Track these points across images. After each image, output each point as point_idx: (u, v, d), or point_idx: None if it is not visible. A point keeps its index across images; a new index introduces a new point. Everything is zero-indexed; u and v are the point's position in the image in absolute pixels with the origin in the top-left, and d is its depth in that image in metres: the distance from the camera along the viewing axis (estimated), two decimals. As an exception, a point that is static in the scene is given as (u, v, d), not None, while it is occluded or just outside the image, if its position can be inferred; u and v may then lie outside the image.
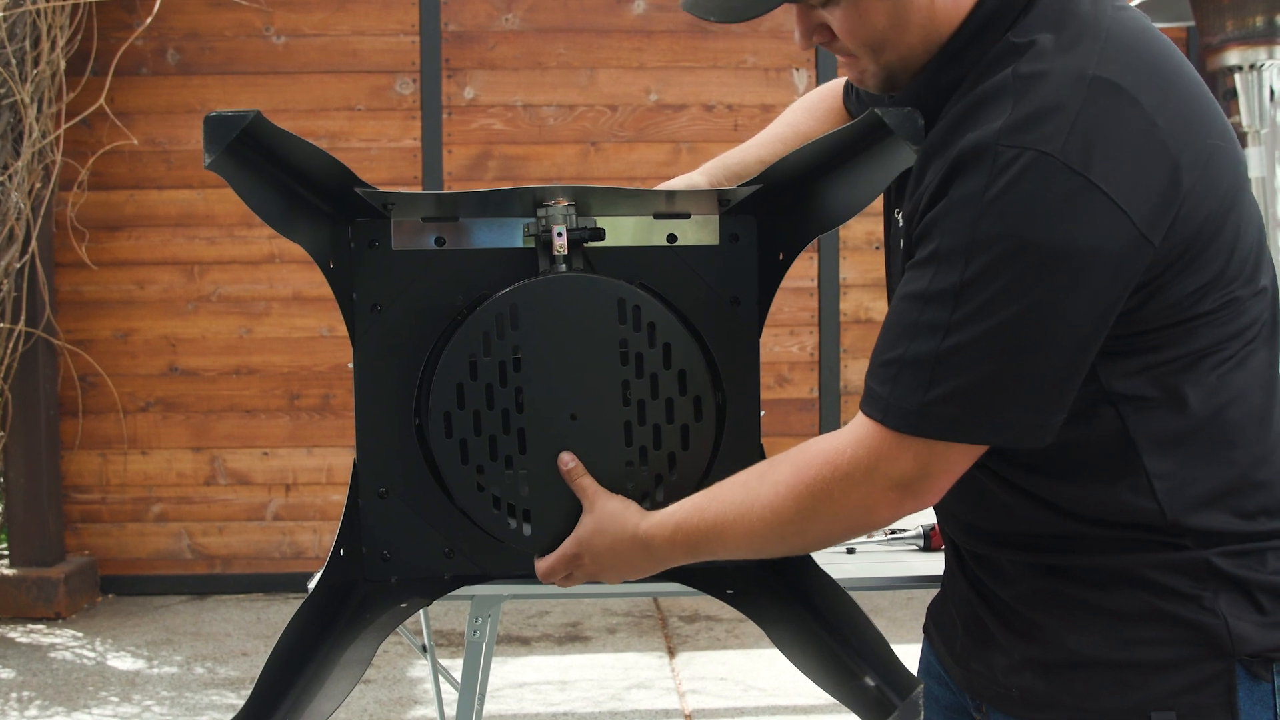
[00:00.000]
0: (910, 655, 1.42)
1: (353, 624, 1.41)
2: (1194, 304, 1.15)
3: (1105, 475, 1.19)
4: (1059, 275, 1.08)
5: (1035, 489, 1.22)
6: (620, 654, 4.32)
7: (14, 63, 4.56)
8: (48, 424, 4.94)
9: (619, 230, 1.46)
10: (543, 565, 1.42)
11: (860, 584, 1.88)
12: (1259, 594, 1.18)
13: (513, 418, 1.39)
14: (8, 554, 5.00)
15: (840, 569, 1.88)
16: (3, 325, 4.69)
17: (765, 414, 1.51)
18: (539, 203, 1.43)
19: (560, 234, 1.40)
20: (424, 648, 2.57)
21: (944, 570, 1.41)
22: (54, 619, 4.77)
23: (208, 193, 5.06)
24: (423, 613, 2.44)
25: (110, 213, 5.06)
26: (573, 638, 4.50)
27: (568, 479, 1.40)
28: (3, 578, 4.80)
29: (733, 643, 4.40)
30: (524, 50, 5.17)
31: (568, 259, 1.41)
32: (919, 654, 1.49)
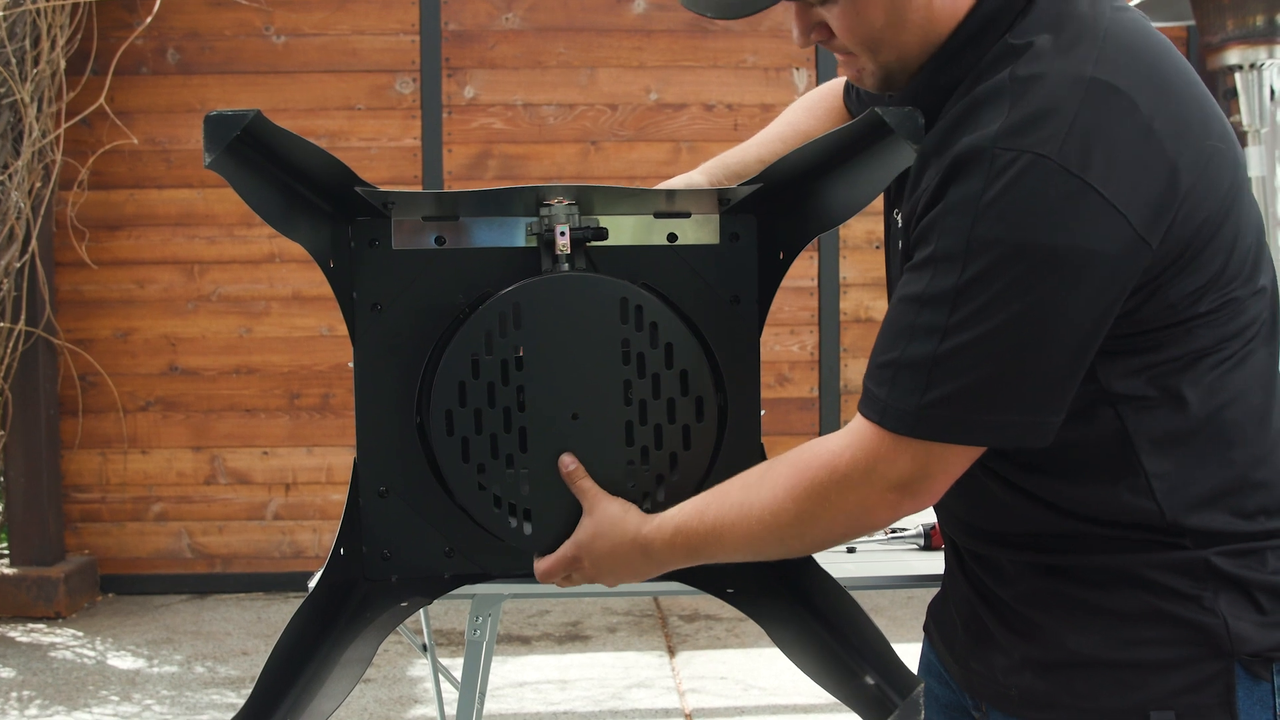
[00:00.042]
0: (911, 654, 1.42)
1: (353, 623, 1.41)
2: (1192, 304, 1.15)
3: (1104, 475, 1.19)
4: (1056, 278, 1.08)
5: (1035, 489, 1.22)
6: (620, 653, 4.32)
7: (14, 62, 4.56)
8: (48, 423, 4.94)
9: (619, 229, 1.46)
10: (541, 566, 1.42)
11: (860, 583, 1.87)
12: (1258, 594, 1.18)
13: (514, 416, 1.39)
14: (8, 553, 5.00)
15: (840, 568, 1.87)
16: (3, 324, 4.69)
17: (765, 413, 1.51)
18: (540, 202, 1.43)
19: (563, 233, 1.40)
20: (424, 647, 2.57)
21: (944, 569, 1.41)
22: (54, 618, 4.77)
23: (208, 192, 5.06)
24: (423, 612, 2.44)
25: (110, 212, 5.06)
26: (573, 637, 4.50)
27: (568, 481, 1.40)
28: (3, 577, 4.80)
29: (733, 642, 4.40)
30: (524, 49, 5.17)
31: (570, 258, 1.41)
32: (919, 653, 1.49)
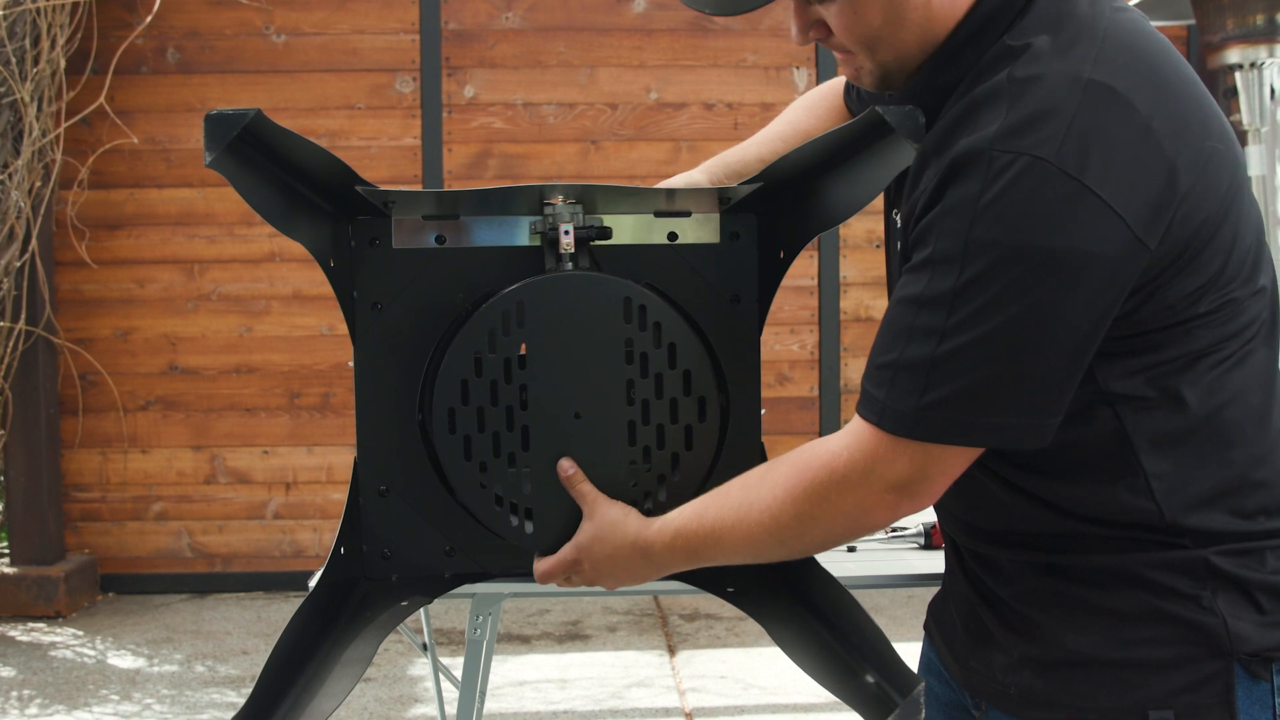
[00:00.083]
0: (911, 653, 1.42)
1: (353, 622, 1.41)
2: (1191, 305, 1.15)
3: (1103, 475, 1.19)
4: (1054, 280, 1.08)
5: (1034, 488, 1.22)
6: (620, 652, 4.32)
7: (14, 61, 4.56)
8: (48, 422, 4.94)
9: (620, 228, 1.46)
10: (541, 568, 1.42)
11: (861, 582, 1.87)
12: (1258, 593, 1.18)
13: (517, 415, 1.39)
14: (8, 552, 5.00)
15: (841, 567, 1.87)
16: (3, 324, 4.69)
17: (766, 412, 1.51)
18: (541, 201, 1.43)
19: (567, 232, 1.40)
20: (425, 646, 2.57)
21: (944, 569, 1.41)
22: (54, 617, 4.77)
23: (208, 191, 5.06)
24: (423, 611, 2.44)
25: (110, 211, 5.06)
26: (573, 636, 4.50)
27: (567, 485, 1.39)
28: (3, 576, 4.80)
29: (733, 641, 4.40)
30: (524, 49, 5.17)
31: (574, 257, 1.41)
32: (919, 652, 1.49)
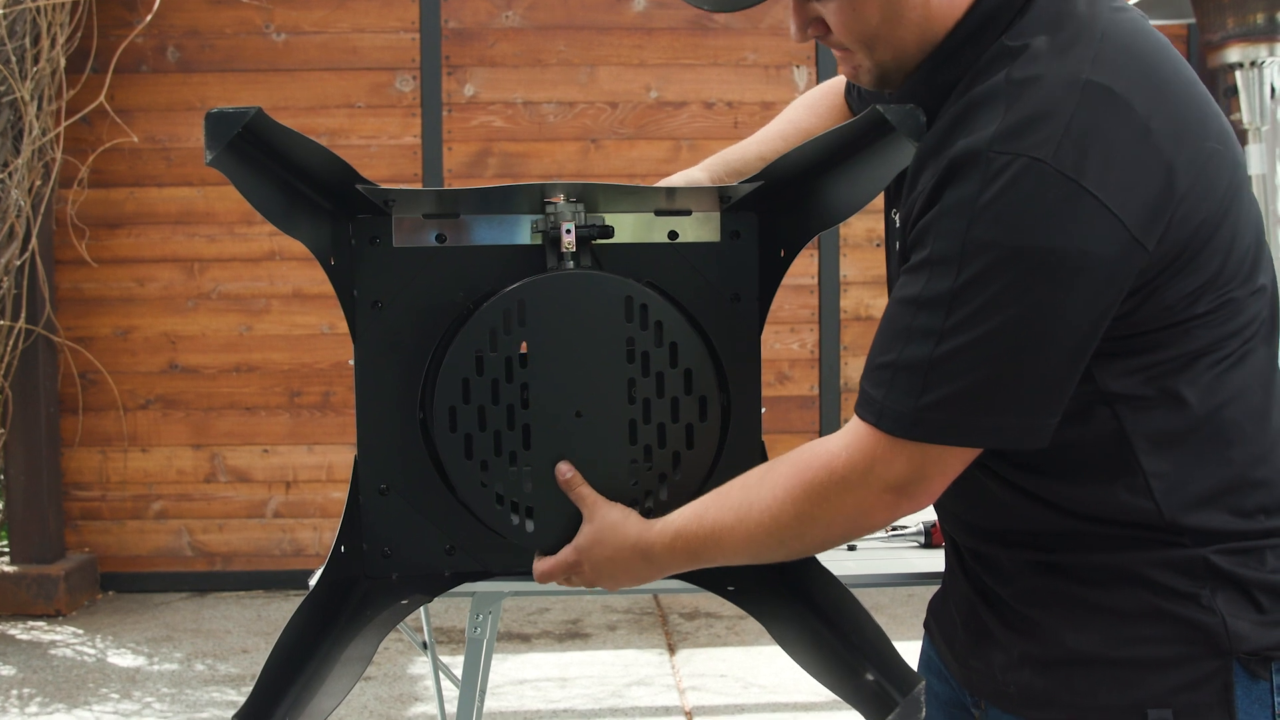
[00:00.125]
0: (911, 652, 1.43)
1: (353, 621, 1.41)
2: (1189, 305, 1.15)
3: (1102, 475, 1.19)
4: (1052, 281, 1.08)
5: (1033, 488, 1.23)
6: (620, 651, 4.32)
7: (14, 60, 4.56)
8: (48, 421, 4.94)
9: (621, 227, 1.46)
10: (541, 568, 1.42)
11: (861, 580, 1.87)
12: (1257, 592, 1.18)
13: (518, 414, 1.39)
14: (8, 551, 5.00)
15: (841, 565, 1.88)
16: (3, 323, 4.69)
17: (766, 411, 1.51)
18: (541, 200, 1.43)
19: (569, 231, 1.40)
20: (425, 645, 2.57)
21: (944, 567, 1.41)
22: (54, 616, 4.77)
23: (208, 190, 5.06)
24: (423, 610, 2.44)
25: (110, 210, 5.06)
26: (573, 635, 4.50)
27: (565, 489, 1.39)
28: (3, 575, 4.80)
29: (733, 640, 4.40)
30: (524, 47, 5.17)
31: (575, 256, 1.41)
32: (919, 650, 1.49)
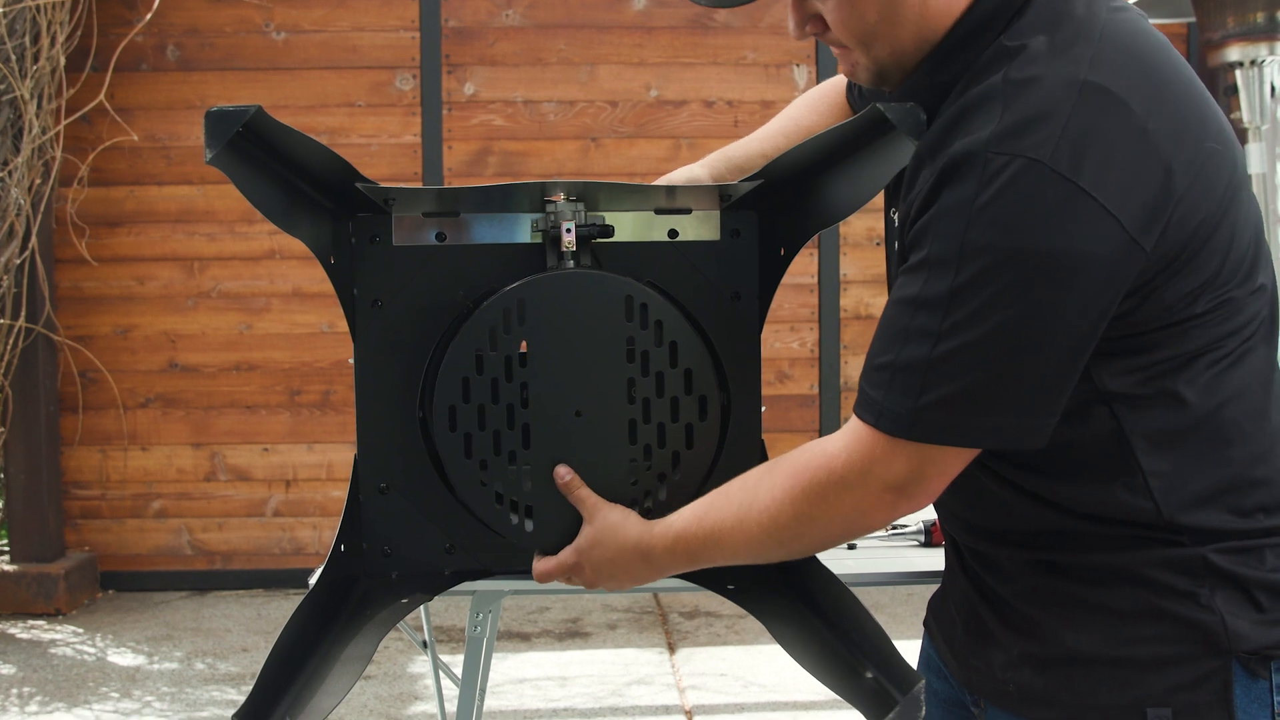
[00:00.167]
0: (911, 651, 1.43)
1: (353, 620, 1.41)
2: (1188, 305, 1.15)
3: (1102, 474, 1.19)
4: (1050, 282, 1.08)
5: (1032, 487, 1.23)
6: (620, 650, 4.32)
7: (14, 59, 4.56)
8: (48, 420, 4.94)
9: (621, 225, 1.46)
10: (541, 568, 1.42)
11: (861, 579, 1.87)
12: (1256, 591, 1.18)
13: (517, 413, 1.39)
14: (8, 550, 5.00)
15: (841, 564, 1.88)
16: (3, 321, 4.69)
17: (766, 410, 1.51)
18: (541, 198, 1.42)
19: (569, 230, 1.40)
20: (425, 643, 2.57)
21: (944, 566, 1.41)
22: (54, 615, 4.77)
23: (208, 189, 5.06)
24: (423, 608, 2.44)
25: (110, 209, 5.06)
26: (573, 634, 4.50)
27: (564, 491, 1.39)
28: (3, 574, 4.80)
29: (733, 639, 4.40)
30: (524, 46, 5.17)
31: (575, 255, 1.41)
32: (919, 649, 1.49)
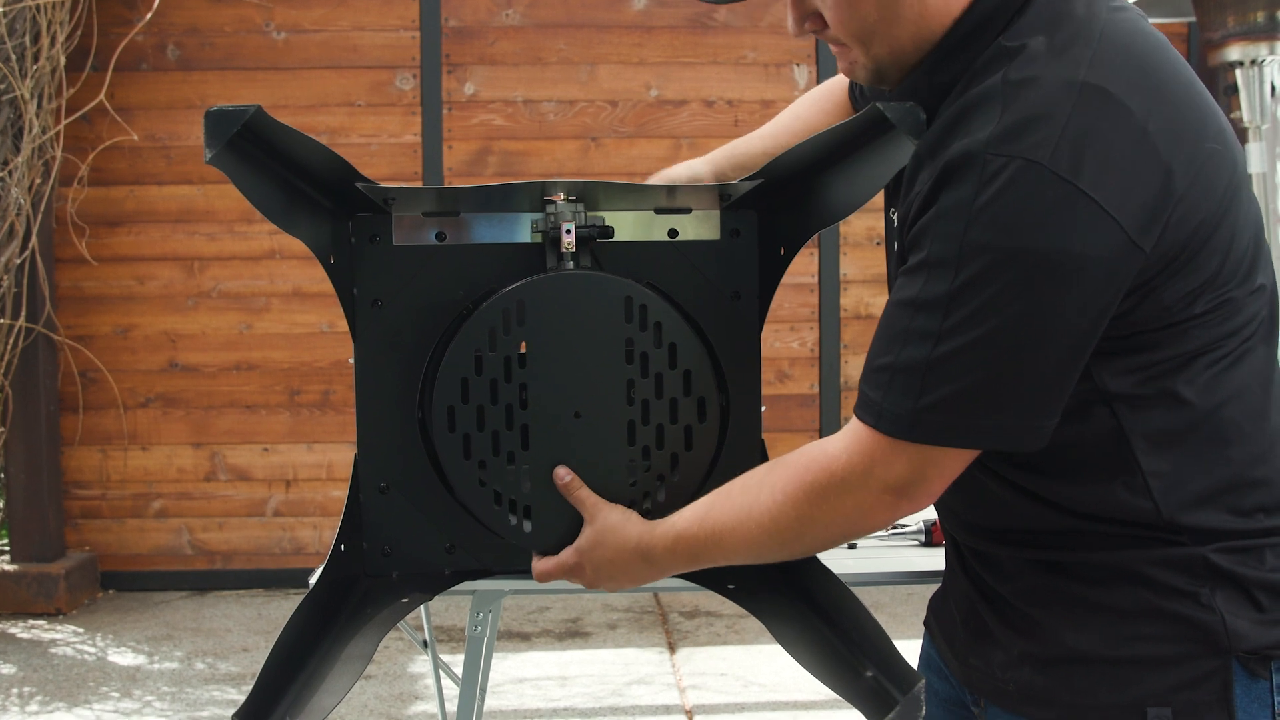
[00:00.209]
0: (911, 650, 1.43)
1: (354, 619, 1.41)
2: (1187, 306, 1.15)
3: (1101, 474, 1.19)
4: (1048, 283, 1.08)
5: (1033, 487, 1.23)
6: (621, 650, 4.32)
7: (14, 58, 4.56)
8: (48, 420, 4.94)
9: (620, 225, 1.46)
10: (541, 568, 1.42)
11: (861, 579, 1.88)
12: (1256, 591, 1.18)
13: (516, 414, 1.39)
14: (8, 550, 5.00)
15: (841, 564, 1.88)
16: (3, 321, 4.69)
17: (766, 410, 1.51)
18: (542, 198, 1.42)
19: (569, 231, 1.40)
20: (425, 643, 2.57)
21: (945, 566, 1.41)
22: (54, 615, 4.77)
23: (208, 188, 5.06)
24: (424, 608, 2.44)
25: (110, 208, 5.06)
26: (573, 633, 4.50)
27: (565, 493, 1.39)
28: (3, 573, 4.80)
29: (733, 638, 4.40)
30: (524, 46, 5.17)
31: (575, 256, 1.41)
32: (919, 649, 1.49)
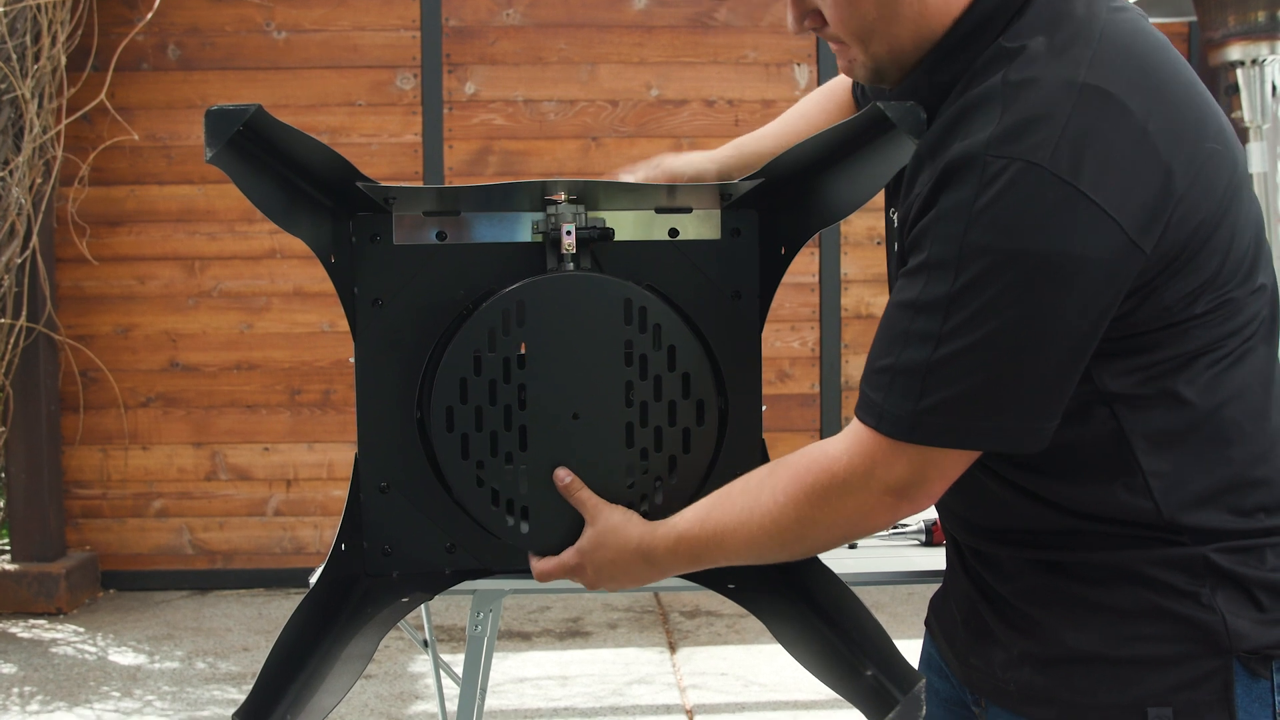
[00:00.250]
0: (912, 650, 1.42)
1: (354, 619, 1.41)
2: (1188, 306, 1.15)
3: (1102, 474, 1.19)
4: (1049, 285, 1.08)
5: (1033, 487, 1.23)
6: (621, 649, 4.32)
7: (15, 58, 4.56)
8: (49, 419, 4.94)
9: (621, 225, 1.46)
10: (542, 568, 1.42)
11: (862, 579, 1.88)
12: (1257, 591, 1.18)
13: (515, 414, 1.39)
14: (9, 549, 5.00)
15: (842, 564, 1.88)
16: (4, 320, 4.69)
17: (766, 409, 1.51)
18: (542, 197, 1.42)
19: (569, 232, 1.40)
20: (425, 643, 2.57)
21: (945, 566, 1.41)
22: (55, 614, 4.77)
23: (208, 188, 5.06)
24: (424, 608, 2.44)
25: (111, 208, 5.06)
26: (574, 633, 4.50)
27: (565, 494, 1.39)
28: (4, 573, 4.80)
29: (734, 638, 4.40)
30: (525, 45, 5.17)
31: (575, 257, 1.41)
32: (920, 648, 1.49)
